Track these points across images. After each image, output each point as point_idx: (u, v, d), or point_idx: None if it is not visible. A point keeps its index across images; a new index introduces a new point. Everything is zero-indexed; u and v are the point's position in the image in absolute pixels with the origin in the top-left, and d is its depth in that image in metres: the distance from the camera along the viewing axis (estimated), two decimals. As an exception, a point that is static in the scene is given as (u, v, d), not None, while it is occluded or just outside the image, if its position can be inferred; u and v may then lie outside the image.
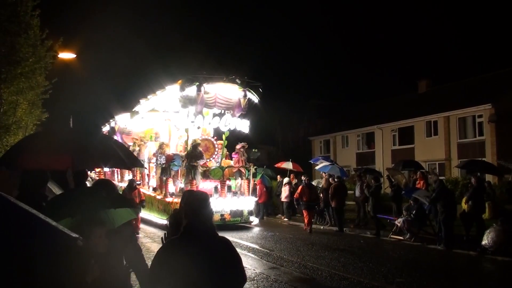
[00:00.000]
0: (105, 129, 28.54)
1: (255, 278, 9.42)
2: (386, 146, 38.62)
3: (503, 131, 29.29)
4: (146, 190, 20.64)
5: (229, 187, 18.80)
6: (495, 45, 72.79)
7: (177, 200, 16.65)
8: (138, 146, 23.24)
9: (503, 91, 30.89)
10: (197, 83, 17.25)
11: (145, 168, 21.34)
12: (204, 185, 17.99)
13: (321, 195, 19.00)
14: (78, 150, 5.43)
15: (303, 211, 17.87)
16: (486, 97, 30.39)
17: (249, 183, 19.05)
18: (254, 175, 19.51)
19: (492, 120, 29.50)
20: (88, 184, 7.88)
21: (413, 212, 14.72)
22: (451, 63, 74.94)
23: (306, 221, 17.64)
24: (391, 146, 38.21)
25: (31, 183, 5.28)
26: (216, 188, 18.12)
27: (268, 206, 23.15)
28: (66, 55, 19.13)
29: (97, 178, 20.82)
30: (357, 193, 18.81)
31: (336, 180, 18.38)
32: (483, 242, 12.31)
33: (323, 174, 20.67)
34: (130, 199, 14.13)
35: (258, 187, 21.34)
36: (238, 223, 18.16)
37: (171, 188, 18.79)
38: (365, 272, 10.28)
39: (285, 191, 21.73)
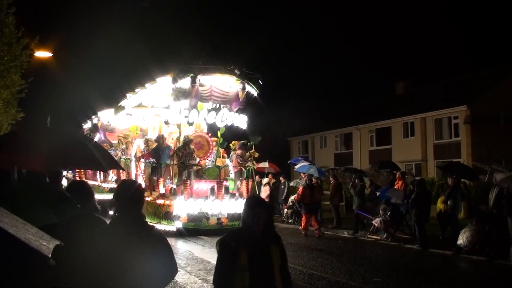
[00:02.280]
0: (87, 126, 27.52)
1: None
2: (364, 146, 38.93)
3: (478, 133, 29.79)
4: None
5: (227, 188, 17.25)
6: (471, 48, 73.93)
7: (169, 202, 15.98)
8: (124, 144, 22.02)
9: (479, 93, 31.44)
10: (192, 74, 15.99)
11: (123, 169, 20.32)
12: (199, 186, 16.97)
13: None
14: (53, 150, 5.36)
15: (302, 214, 16.84)
16: (462, 99, 30.86)
17: (247, 184, 17.67)
18: (252, 175, 18.43)
19: (467, 121, 29.96)
20: (64, 184, 7.79)
21: (388, 214, 14.86)
22: (428, 65, 75.87)
23: (303, 224, 16.55)
24: (369, 147, 38.53)
25: (5, 182, 5.22)
26: (212, 189, 16.63)
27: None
28: (43, 54, 18.88)
29: (77, 177, 20.35)
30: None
31: (314, 180, 18.43)
32: (459, 242, 12.49)
33: (302, 174, 20.73)
34: None
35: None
36: (236, 227, 16.96)
37: (162, 189, 17.02)
38: (343, 272, 10.35)
39: (265, 191, 21.72)
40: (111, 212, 16.50)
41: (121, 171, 19.95)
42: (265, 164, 23.97)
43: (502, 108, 30.86)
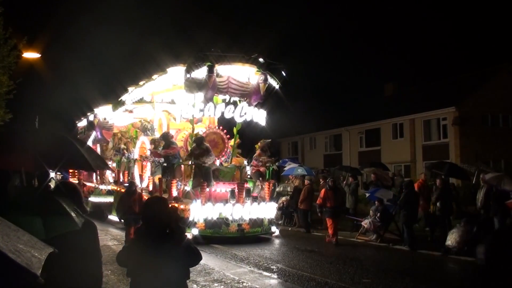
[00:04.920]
0: (81, 124, 26.69)
1: (222, 280, 9.40)
2: (353, 148, 39.09)
3: (466, 134, 30.03)
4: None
5: (248, 191, 15.72)
6: (459, 49, 74.44)
7: (183, 206, 14.19)
8: (125, 143, 21.06)
9: (467, 94, 31.70)
10: (209, 63, 14.36)
11: (111, 169, 19.52)
12: (216, 188, 15.43)
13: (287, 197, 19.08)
14: (41, 151, 5.31)
15: (327, 219, 15.14)
16: (450, 100, 31.09)
17: (269, 186, 16.13)
18: (270, 177, 16.68)
19: (456, 123, 30.18)
20: (52, 185, 7.71)
21: (378, 215, 14.92)
22: (417, 66, 76.33)
23: (330, 231, 14.76)
24: (358, 148, 38.70)
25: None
26: (232, 192, 15.22)
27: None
28: (31, 55, 18.79)
29: (70, 179, 20.06)
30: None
31: (307, 182, 18.39)
32: (447, 243, 12.57)
33: (291, 176, 20.76)
34: (128, 206, 12.81)
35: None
36: (258, 234, 15.28)
37: (175, 191, 14.99)
38: (332, 272, 10.37)
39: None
40: (110, 217, 16.37)
41: (122, 172, 19.42)
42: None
43: (490, 110, 31.19)
